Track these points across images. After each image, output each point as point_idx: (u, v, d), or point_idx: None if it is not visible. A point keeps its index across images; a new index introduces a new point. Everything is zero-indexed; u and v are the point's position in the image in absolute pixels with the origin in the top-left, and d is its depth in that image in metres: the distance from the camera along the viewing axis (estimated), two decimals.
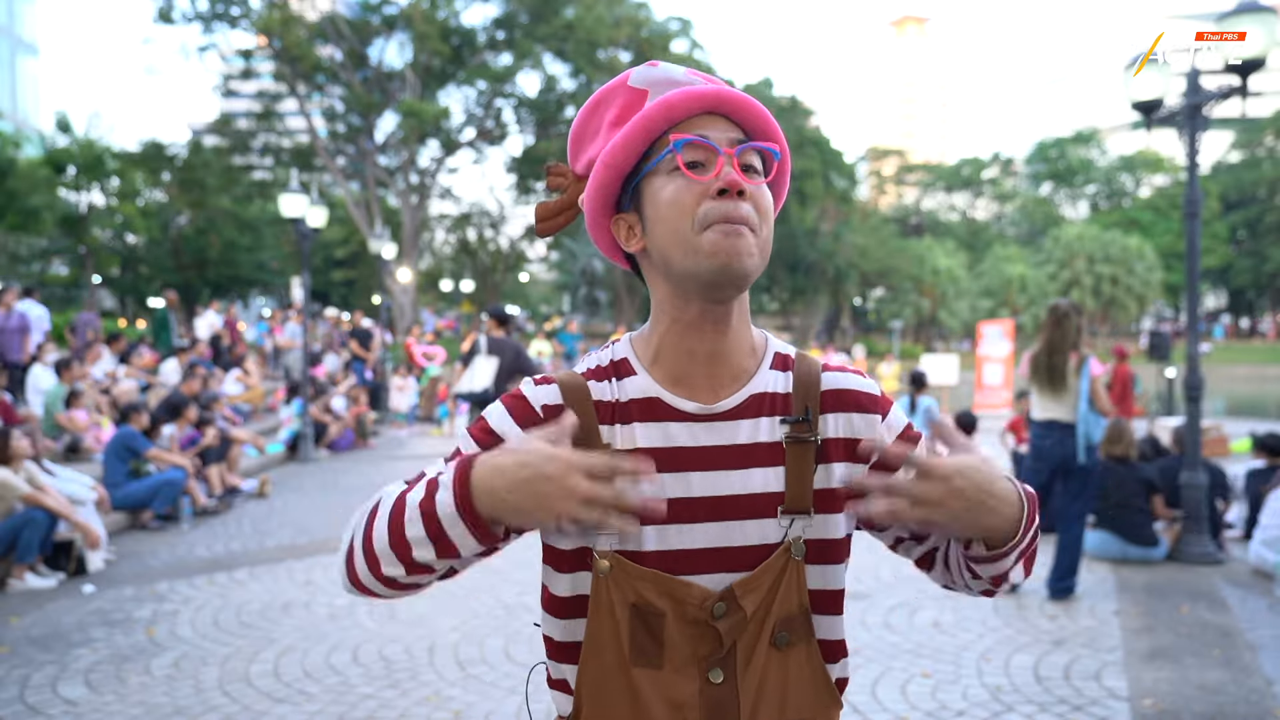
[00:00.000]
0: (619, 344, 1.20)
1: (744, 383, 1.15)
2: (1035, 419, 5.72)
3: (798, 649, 1.12)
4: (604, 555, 1.09)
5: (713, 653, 1.09)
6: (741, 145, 1.11)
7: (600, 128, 1.18)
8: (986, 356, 17.69)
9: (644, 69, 1.17)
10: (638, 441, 1.12)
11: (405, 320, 28.81)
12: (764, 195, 1.11)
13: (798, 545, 1.11)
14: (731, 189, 1.07)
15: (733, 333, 1.14)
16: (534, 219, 1.23)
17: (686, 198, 1.08)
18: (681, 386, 1.14)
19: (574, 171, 1.22)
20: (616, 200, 1.17)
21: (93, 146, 31.93)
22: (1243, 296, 61.19)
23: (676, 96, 1.11)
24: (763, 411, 1.14)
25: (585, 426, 1.11)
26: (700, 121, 1.12)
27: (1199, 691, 4.08)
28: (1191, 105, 6.31)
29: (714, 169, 1.09)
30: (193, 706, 4.01)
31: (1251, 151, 53.46)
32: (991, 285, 49.80)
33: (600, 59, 30.17)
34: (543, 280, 60.16)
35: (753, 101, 1.14)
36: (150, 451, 7.91)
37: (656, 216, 1.11)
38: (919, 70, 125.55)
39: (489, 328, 8.52)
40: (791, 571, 1.11)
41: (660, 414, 1.13)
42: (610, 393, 1.15)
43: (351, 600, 5.60)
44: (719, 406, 1.13)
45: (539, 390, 1.15)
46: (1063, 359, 5.49)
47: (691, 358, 1.14)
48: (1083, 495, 5.64)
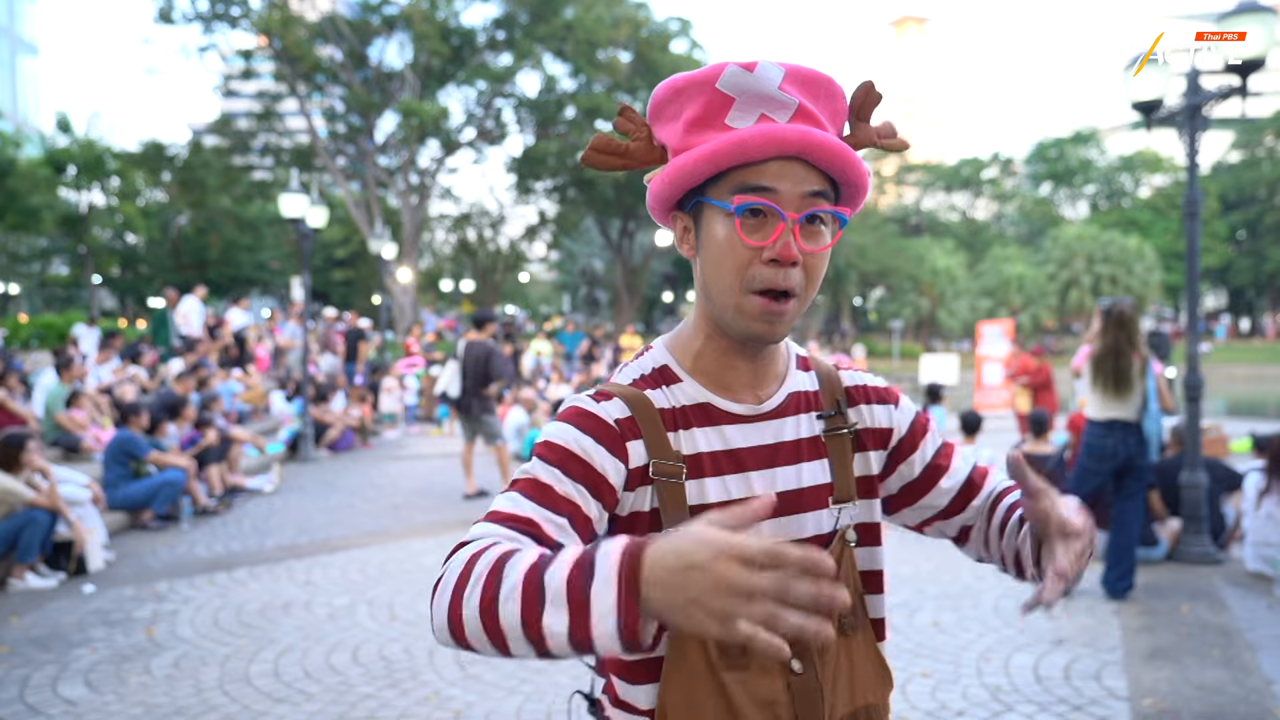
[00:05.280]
0: (655, 352, 1.21)
1: (781, 383, 1.19)
2: (1095, 419, 5.69)
3: (857, 633, 1.17)
4: None
5: (793, 644, 1.10)
6: (810, 210, 1.07)
7: (678, 117, 1.12)
8: (986, 356, 17.70)
9: (738, 72, 1.07)
10: (699, 446, 1.13)
11: (405, 320, 28.78)
12: (820, 258, 1.10)
13: (849, 532, 1.17)
14: (784, 260, 1.06)
15: (771, 351, 1.18)
16: (589, 145, 1.16)
17: (741, 254, 1.07)
18: (727, 390, 1.17)
19: (649, 129, 1.16)
20: (679, 201, 1.16)
21: (93, 146, 31.97)
22: (1242, 296, 61.21)
23: (752, 139, 1.04)
24: (800, 409, 1.19)
25: (658, 437, 1.11)
26: (771, 166, 1.06)
27: (1199, 691, 4.08)
28: (1191, 105, 6.31)
29: (772, 234, 1.06)
30: (193, 706, 4.01)
31: (1251, 151, 53.47)
32: (991, 285, 49.80)
33: (600, 59, 30.15)
34: (543, 280, 60.19)
35: (840, 149, 1.06)
36: (150, 455, 7.91)
37: (709, 251, 1.11)
38: (919, 70, 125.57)
39: (466, 332, 8.71)
40: (847, 557, 1.16)
41: (715, 418, 1.15)
42: (667, 400, 1.15)
43: (351, 600, 5.61)
44: (764, 407, 1.17)
45: (604, 405, 1.12)
46: (1127, 361, 5.52)
47: (734, 369, 1.17)
48: (1139, 494, 5.66)
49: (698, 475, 1.12)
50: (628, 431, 1.10)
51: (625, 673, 1.14)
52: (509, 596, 0.86)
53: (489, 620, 0.87)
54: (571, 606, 0.82)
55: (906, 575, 6.08)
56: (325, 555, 6.78)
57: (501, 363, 9.05)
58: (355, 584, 5.98)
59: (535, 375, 17.69)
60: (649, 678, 1.12)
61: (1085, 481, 5.65)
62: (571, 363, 20.25)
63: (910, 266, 48.44)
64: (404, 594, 5.72)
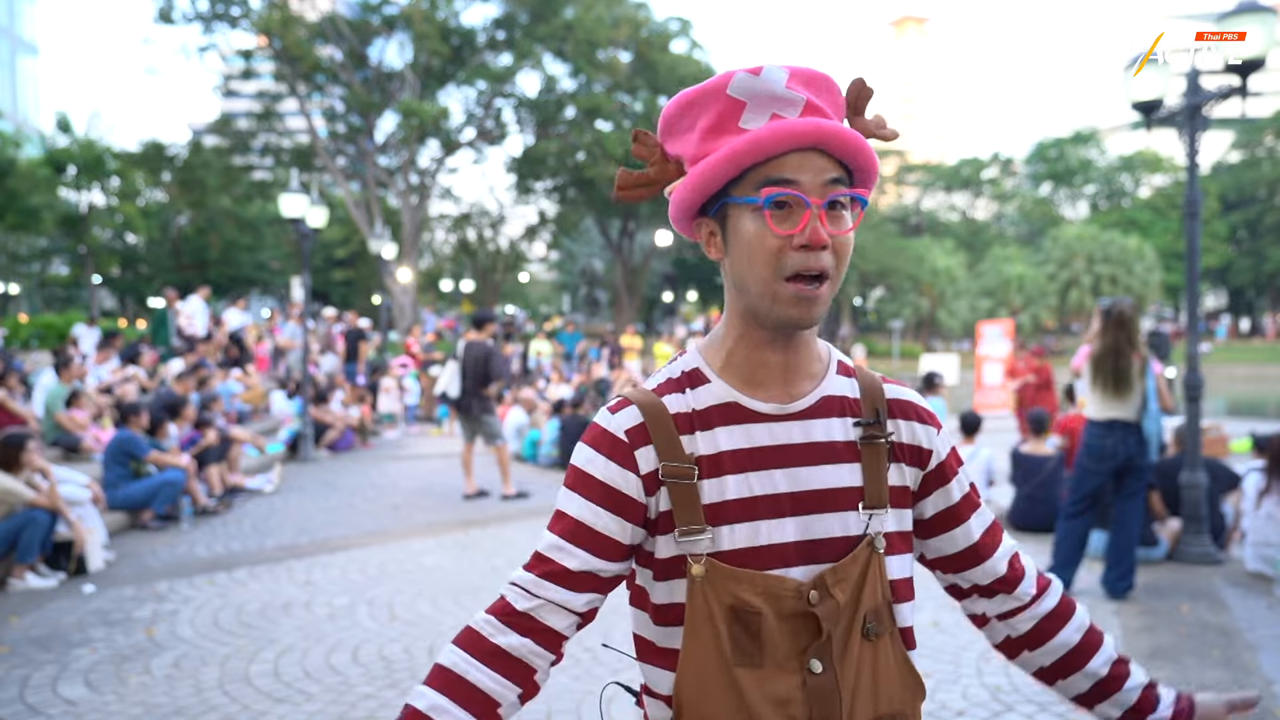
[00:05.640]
0: (688, 355, 1.24)
1: (815, 384, 1.20)
2: (1095, 419, 5.68)
3: (884, 639, 1.18)
4: (697, 560, 1.12)
5: (812, 643, 1.13)
6: (831, 196, 1.10)
7: (692, 128, 1.15)
8: (986, 356, 17.70)
9: (746, 77, 1.12)
10: (720, 445, 1.15)
11: (405, 320, 28.77)
12: (847, 239, 1.13)
13: (879, 539, 1.17)
14: (814, 245, 1.09)
15: (804, 346, 1.20)
16: (615, 184, 1.22)
17: (771, 243, 1.11)
18: (757, 389, 1.18)
19: (661, 149, 1.20)
20: (701, 206, 1.18)
21: (93, 146, 31.98)
22: (1242, 296, 61.21)
23: (768, 136, 1.09)
24: (834, 413, 1.20)
25: (668, 440, 1.15)
26: (790, 159, 1.10)
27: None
28: (1191, 105, 6.31)
29: (800, 222, 1.10)
30: (193, 706, 4.01)
31: (1251, 151, 53.46)
32: (991, 285, 49.81)
33: (600, 59, 30.13)
34: (543, 280, 60.18)
35: (851, 136, 1.11)
36: (150, 455, 7.91)
37: (739, 248, 1.14)
38: (919, 70, 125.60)
39: (465, 332, 8.73)
40: (875, 563, 1.17)
41: (740, 417, 1.17)
42: (685, 404, 1.18)
43: (352, 600, 5.61)
44: (794, 406, 1.18)
45: (618, 416, 1.17)
46: (1128, 361, 5.52)
47: (765, 366, 1.19)
48: (1140, 494, 5.65)
49: (717, 474, 1.14)
50: (636, 440, 1.15)
51: (653, 659, 1.19)
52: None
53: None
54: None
55: None
56: (325, 555, 6.78)
57: (501, 363, 9.08)
58: (355, 584, 5.98)
59: (535, 375, 17.70)
60: (672, 666, 1.15)
61: (1085, 481, 5.65)
62: (570, 362, 20.29)
63: (910, 266, 48.44)
64: (404, 594, 5.72)
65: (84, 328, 15.25)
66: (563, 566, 1.14)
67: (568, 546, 1.14)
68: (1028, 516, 7.35)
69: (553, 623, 1.14)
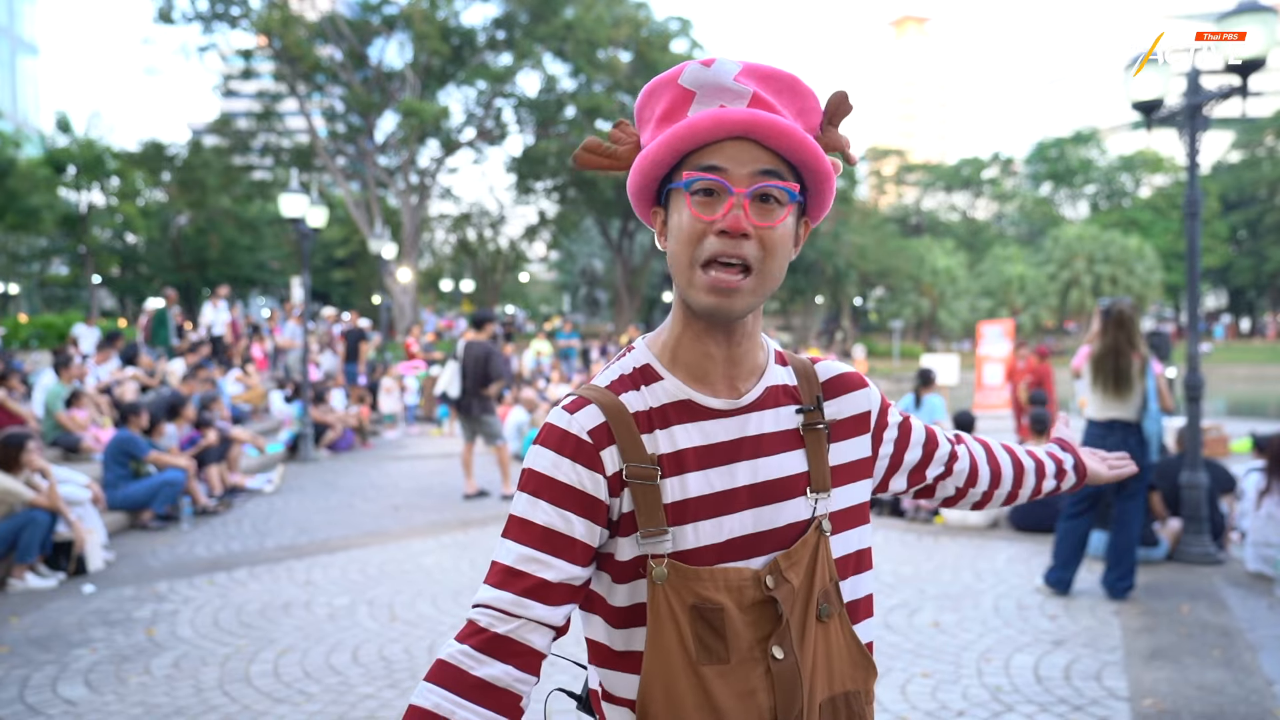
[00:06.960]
0: (636, 351, 1.23)
1: (759, 377, 1.21)
2: (1095, 419, 5.69)
3: (833, 619, 1.19)
4: (659, 561, 1.11)
5: (773, 630, 1.13)
6: (755, 186, 1.09)
7: (651, 118, 1.18)
8: (986, 356, 17.70)
9: (697, 68, 1.14)
10: (679, 443, 1.15)
11: (405, 320, 28.76)
12: (774, 232, 1.11)
13: (825, 521, 1.20)
14: (733, 232, 1.08)
15: (746, 337, 1.19)
16: (580, 146, 1.23)
17: (694, 229, 1.11)
18: (704, 384, 1.19)
19: (636, 136, 1.22)
20: (655, 195, 1.20)
21: (93, 146, 31.94)
22: (1243, 296, 61.20)
23: (703, 122, 1.10)
24: (779, 402, 1.22)
25: (631, 440, 1.13)
26: (725, 148, 1.10)
27: (1199, 691, 4.08)
28: (1191, 105, 6.31)
29: (721, 209, 1.09)
30: (193, 706, 4.01)
31: (1251, 151, 53.45)
32: (991, 285, 49.81)
33: (600, 59, 30.11)
34: (543, 280, 60.15)
35: (784, 128, 1.10)
36: (150, 455, 7.90)
37: (671, 235, 1.16)
38: (919, 70, 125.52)
39: (465, 332, 8.73)
40: (823, 546, 1.19)
41: (695, 414, 1.17)
42: (643, 401, 1.17)
43: (352, 600, 5.61)
44: (743, 400, 1.19)
45: (578, 416, 1.14)
46: (1128, 361, 5.52)
47: (710, 359, 1.18)
48: (1140, 494, 5.65)
49: (679, 471, 1.14)
50: (601, 440, 1.13)
51: (612, 664, 1.17)
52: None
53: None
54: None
55: (907, 575, 6.08)
56: (325, 555, 6.78)
57: (501, 363, 9.08)
58: (355, 584, 5.98)
59: (535, 375, 17.69)
60: (633, 669, 1.14)
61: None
62: (570, 362, 20.30)
63: (910, 266, 48.41)
64: (404, 594, 5.72)
65: (84, 328, 15.24)
66: (540, 579, 1.09)
67: (542, 556, 1.10)
68: (1028, 517, 7.35)
69: (534, 642, 1.09)
